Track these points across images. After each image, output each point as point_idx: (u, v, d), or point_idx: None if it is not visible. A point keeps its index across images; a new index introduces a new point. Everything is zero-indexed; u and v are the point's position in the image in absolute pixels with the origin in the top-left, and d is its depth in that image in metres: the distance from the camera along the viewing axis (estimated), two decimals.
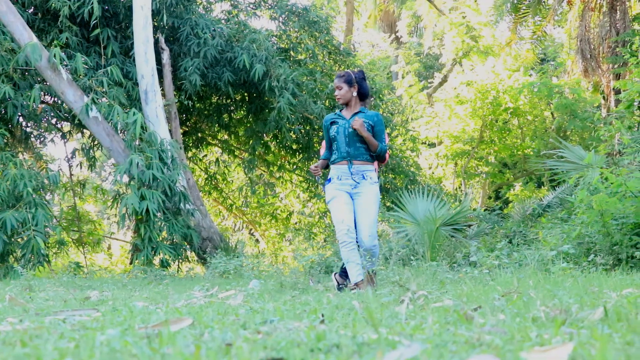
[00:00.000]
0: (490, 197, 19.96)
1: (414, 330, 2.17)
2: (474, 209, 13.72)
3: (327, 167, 6.42)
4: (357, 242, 5.97)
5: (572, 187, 10.44)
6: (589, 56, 15.16)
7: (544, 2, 16.08)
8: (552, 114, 17.85)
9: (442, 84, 21.46)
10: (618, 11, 14.54)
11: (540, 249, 7.27)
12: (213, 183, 16.66)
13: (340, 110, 6.41)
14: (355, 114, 6.25)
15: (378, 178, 6.29)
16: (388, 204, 13.49)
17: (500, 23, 18.65)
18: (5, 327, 2.31)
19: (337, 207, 6.06)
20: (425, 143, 19.15)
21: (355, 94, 6.25)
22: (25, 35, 10.04)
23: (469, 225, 10.83)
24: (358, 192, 6.08)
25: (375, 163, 6.48)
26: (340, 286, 6.19)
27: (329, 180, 6.22)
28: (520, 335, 2.00)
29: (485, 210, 14.54)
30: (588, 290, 3.48)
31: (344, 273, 6.34)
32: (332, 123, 6.31)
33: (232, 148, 16.01)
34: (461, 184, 18.89)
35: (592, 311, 2.41)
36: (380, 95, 15.11)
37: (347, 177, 6.10)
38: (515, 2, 16.24)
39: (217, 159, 16.36)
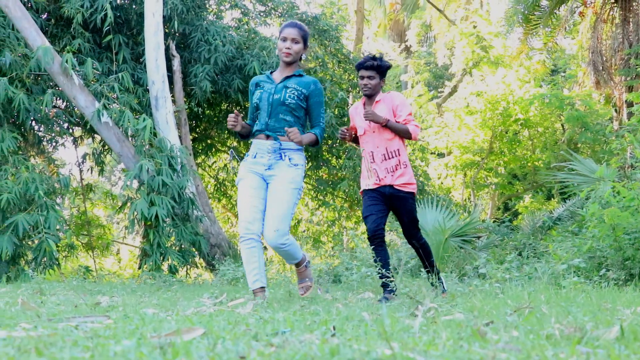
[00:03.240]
0: (499, 209, 19.92)
1: (427, 346, 2.16)
2: (483, 220, 13.69)
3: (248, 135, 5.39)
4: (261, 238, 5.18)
5: (583, 200, 10.40)
6: (601, 68, 15.10)
7: (555, 13, 16.04)
8: (562, 125, 17.80)
9: (452, 94, 21.45)
10: (631, 23, 14.49)
11: (550, 262, 7.23)
12: (222, 190, 16.67)
13: (270, 72, 5.43)
14: (287, 78, 5.27)
15: (304, 162, 5.30)
16: None
17: (511, 33, 18.61)
18: (19, 333, 2.31)
19: (242, 192, 5.18)
20: (434, 153, 19.13)
21: (304, 56, 5.35)
22: (38, 41, 10.08)
23: (478, 237, 10.80)
24: (272, 175, 5.12)
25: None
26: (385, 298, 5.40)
27: (245, 157, 5.36)
28: (536, 354, 1.98)
29: (494, 221, 14.50)
30: (601, 306, 3.46)
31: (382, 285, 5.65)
32: (257, 86, 5.34)
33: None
34: (470, 195, 18.85)
35: (608, 330, 2.39)
36: None
37: (262, 155, 5.16)
38: (527, 12, 16.19)
39: (225, 165, 16.37)
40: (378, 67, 5.82)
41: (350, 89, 14.77)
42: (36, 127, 11.72)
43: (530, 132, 17.65)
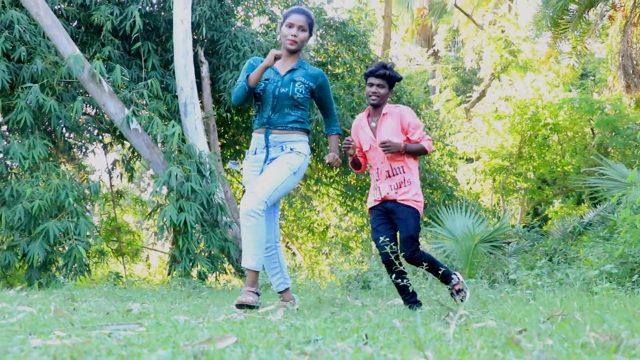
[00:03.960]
0: (528, 214, 19.77)
1: (461, 355, 2.14)
2: (513, 226, 13.59)
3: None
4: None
5: (614, 205, 10.29)
6: (631, 72, 14.93)
7: (584, 17, 15.90)
8: (592, 130, 17.64)
9: (480, 99, 21.35)
10: None
11: (581, 268, 7.16)
12: None
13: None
14: (293, 70, 5.03)
15: (308, 152, 5.08)
16: (425, 219, 13.42)
17: (540, 38, 18.48)
18: (54, 342, 2.33)
19: (247, 184, 5.07)
20: (462, 158, 19.04)
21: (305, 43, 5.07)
22: (69, 49, 10.18)
23: (508, 242, 10.73)
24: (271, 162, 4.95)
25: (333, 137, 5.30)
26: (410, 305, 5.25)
27: (247, 154, 5.12)
28: None
29: (524, 227, 14.39)
30: (636, 314, 3.42)
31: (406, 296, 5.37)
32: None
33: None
34: (499, 200, 18.73)
35: None
36: (418, 110, 15.06)
37: (262, 150, 4.97)
38: (555, 16, 16.05)
39: None
40: (389, 77, 5.47)
41: None
42: (66, 134, 11.83)
43: (560, 136, 17.52)
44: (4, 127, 10.93)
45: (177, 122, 10.89)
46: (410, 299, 5.39)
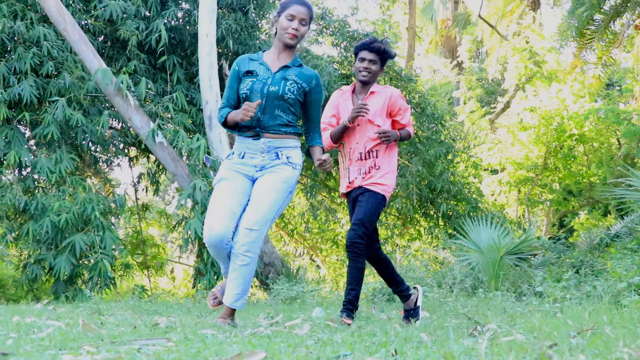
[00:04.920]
0: (554, 225, 19.61)
1: None
2: (538, 237, 13.49)
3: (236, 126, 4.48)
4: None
5: None
6: None
7: (610, 27, 15.80)
8: (618, 140, 17.49)
9: (505, 110, 21.24)
10: None
11: (609, 280, 7.09)
12: None
13: (262, 52, 4.61)
14: (286, 67, 4.52)
15: (302, 162, 4.58)
16: (450, 231, 13.37)
17: (565, 48, 18.41)
18: (84, 358, 2.34)
19: (219, 192, 4.37)
20: (487, 170, 18.94)
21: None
22: (95, 63, 10.29)
23: (534, 255, 10.64)
24: (264, 174, 4.41)
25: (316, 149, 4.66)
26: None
27: (229, 154, 4.55)
28: None
29: (550, 238, 14.27)
30: None
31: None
32: (248, 73, 4.48)
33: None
34: (524, 212, 18.60)
35: None
36: (442, 121, 15.01)
37: (253, 155, 4.40)
38: (580, 27, 15.98)
39: None
40: (383, 52, 5.15)
41: None
42: (93, 148, 11.93)
43: (586, 147, 17.38)
44: (32, 142, 11.04)
45: (202, 135, 10.94)
46: (397, 289, 5.28)
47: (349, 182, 5.27)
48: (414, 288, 5.42)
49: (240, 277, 4.27)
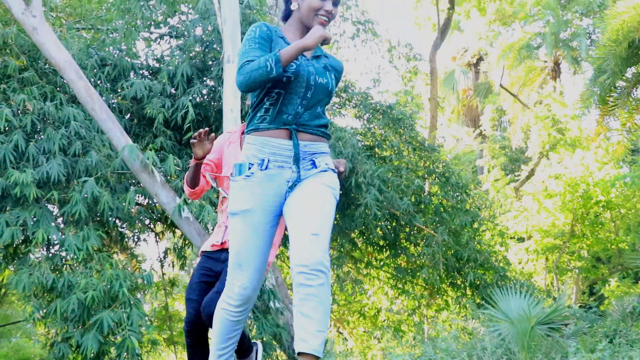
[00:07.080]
0: (584, 293, 19.36)
1: None
2: (569, 306, 13.30)
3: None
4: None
5: None
6: None
7: (632, 94, 15.83)
8: None
9: (529, 178, 21.22)
10: None
11: None
12: None
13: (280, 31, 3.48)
14: (318, 56, 3.47)
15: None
16: (478, 300, 13.23)
17: (587, 115, 18.43)
18: None
19: (242, 230, 3.30)
20: (514, 238, 18.83)
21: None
22: (122, 141, 10.44)
23: (566, 324, 10.48)
24: (300, 185, 3.32)
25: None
26: None
27: (241, 166, 3.31)
28: None
29: (580, 307, 14.07)
30: None
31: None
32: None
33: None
34: (553, 280, 18.39)
35: None
36: (467, 190, 14.99)
37: (284, 162, 3.30)
38: (603, 94, 16.03)
39: None
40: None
41: (426, 175, 14.76)
42: (119, 225, 12.01)
43: (613, 213, 17.25)
44: (59, 219, 11.13)
45: None
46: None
47: (221, 243, 4.53)
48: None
49: (320, 305, 3.04)
